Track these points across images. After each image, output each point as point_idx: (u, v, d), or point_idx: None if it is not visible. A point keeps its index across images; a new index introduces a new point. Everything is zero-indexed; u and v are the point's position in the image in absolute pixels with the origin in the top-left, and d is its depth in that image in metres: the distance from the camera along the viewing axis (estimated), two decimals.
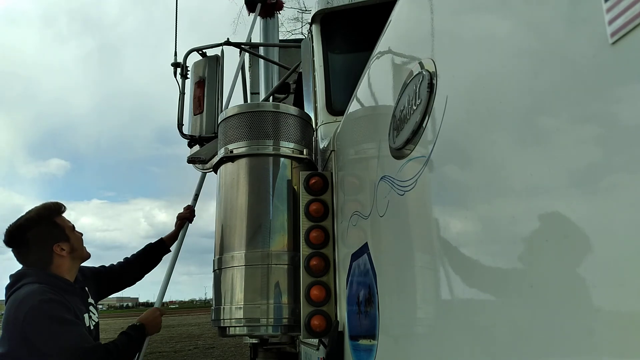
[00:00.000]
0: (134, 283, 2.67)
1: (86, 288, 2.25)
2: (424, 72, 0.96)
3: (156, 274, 2.81)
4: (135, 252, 2.71)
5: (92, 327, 2.13)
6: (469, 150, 0.80)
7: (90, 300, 2.23)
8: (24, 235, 2.08)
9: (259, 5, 3.39)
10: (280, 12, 4.01)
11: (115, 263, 2.64)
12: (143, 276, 2.71)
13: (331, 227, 1.80)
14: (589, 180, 0.51)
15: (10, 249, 2.10)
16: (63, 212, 2.22)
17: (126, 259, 2.67)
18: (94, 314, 2.21)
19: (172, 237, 2.74)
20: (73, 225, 2.23)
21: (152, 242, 2.75)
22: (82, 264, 2.28)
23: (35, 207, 2.18)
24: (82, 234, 2.27)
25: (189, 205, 2.83)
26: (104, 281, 2.47)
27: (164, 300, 2.58)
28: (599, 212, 0.49)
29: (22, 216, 2.12)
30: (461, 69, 0.85)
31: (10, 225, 2.10)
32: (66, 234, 2.15)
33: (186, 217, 2.76)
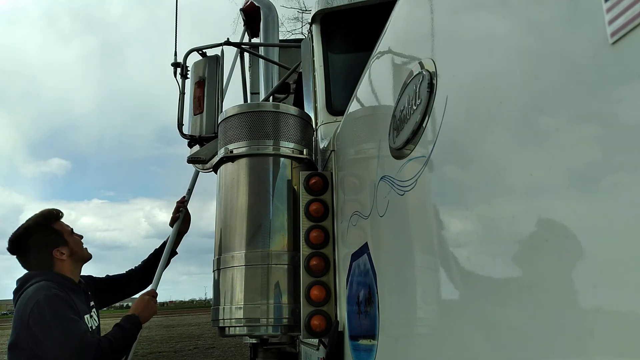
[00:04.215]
0: (139, 292, 2.63)
1: (89, 292, 2.35)
2: (424, 72, 0.96)
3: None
4: (143, 260, 2.73)
5: (93, 328, 2.20)
6: (469, 150, 0.80)
7: (92, 303, 2.32)
8: (24, 244, 2.21)
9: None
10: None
11: (124, 272, 2.69)
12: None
13: (331, 227, 1.80)
14: (589, 180, 0.51)
15: (14, 256, 2.25)
16: (61, 217, 2.32)
17: (134, 267, 2.71)
18: (95, 317, 2.29)
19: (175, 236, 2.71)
20: (72, 229, 2.33)
21: (157, 247, 2.75)
22: (83, 273, 2.38)
23: (34, 215, 2.31)
24: (81, 237, 2.37)
25: (183, 198, 2.78)
26: (106, 289, 2.54)
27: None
28: (599, 212, 0.49)
29: (21, 225, 2.25)
30: (461, 69, 0.85)
31: (12, 234, 2.24)
32: (64, 239, 2.25)
33: (176, 216, 2.71)
